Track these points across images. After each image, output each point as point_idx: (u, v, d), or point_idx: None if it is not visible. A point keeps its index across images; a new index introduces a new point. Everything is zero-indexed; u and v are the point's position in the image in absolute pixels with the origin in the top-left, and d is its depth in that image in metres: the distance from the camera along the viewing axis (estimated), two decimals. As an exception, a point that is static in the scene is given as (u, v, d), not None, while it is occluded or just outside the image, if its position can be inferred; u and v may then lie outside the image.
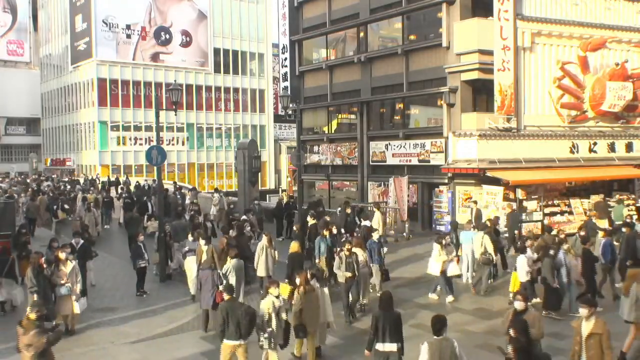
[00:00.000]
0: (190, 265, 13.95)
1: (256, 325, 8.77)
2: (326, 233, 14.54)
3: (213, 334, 11.34)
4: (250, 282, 14.29)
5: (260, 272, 13.84)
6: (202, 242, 13.05)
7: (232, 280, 11.63)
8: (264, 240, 14.06)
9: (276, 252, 14.27)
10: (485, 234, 14.36)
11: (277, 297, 9.16)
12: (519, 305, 8.10)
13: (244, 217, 18.30)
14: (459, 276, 14.77)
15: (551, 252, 12.48)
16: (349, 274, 12.00)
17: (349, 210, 19.08)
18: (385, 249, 17.06)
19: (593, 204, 22.11)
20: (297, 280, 9.95)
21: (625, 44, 24.30)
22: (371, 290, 13.78)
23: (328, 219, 17.52)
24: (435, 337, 7.00)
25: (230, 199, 26.65)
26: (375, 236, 14.19)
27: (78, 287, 11.67)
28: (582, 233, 14.38)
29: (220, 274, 11.99)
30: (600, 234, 14.33)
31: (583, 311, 7.47)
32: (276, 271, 14.11)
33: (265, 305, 9.00)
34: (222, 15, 57.47)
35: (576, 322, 7.61)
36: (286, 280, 12.31)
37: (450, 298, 13.49)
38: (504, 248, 16.29)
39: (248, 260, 14.03)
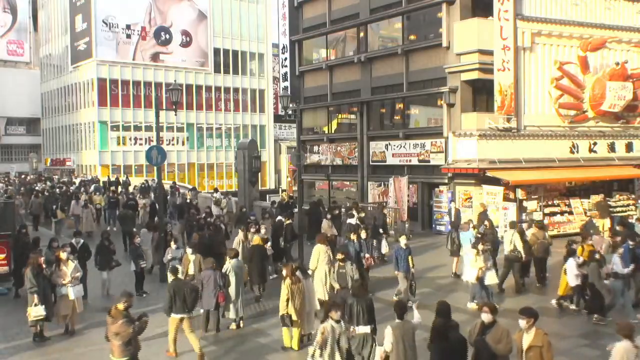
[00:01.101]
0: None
1: (308, 352, 8.24)
2: (353, 237, 13.91)
3: (213, 334, 11.38)
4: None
5: None
6: (189, 250, 12.95)
7: (233, 279, 11.61)
8: (240, 235, 14.62)
9: None
10: (515, 232, 14.36)
11: (338, 322, 8.10)
12: (486, 317, 7.30)
13: (279, 217, 17.94)
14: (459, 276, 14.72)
15: (597, 256, 12.11)
16: (338, 286, 11.40)
17: (329, 216, 18.58)
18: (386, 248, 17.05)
19: (593, 204, 22.14)
20: (284, 272, 10.37)
21: (625, 44, 24.31)
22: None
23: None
24: (397, 320, 7.75)
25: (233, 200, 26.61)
26: (402, 241, 13.49)
27: (77, 275, 11.76)
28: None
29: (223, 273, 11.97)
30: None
31: (522, 322, 7.09)
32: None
33: (322, 329, 7.98)
34: (222, 15, 57.43)
35: (517, 334, 7.20)
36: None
37: (472, 305, 12.73)
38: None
39: (222, 256, 13.71)
